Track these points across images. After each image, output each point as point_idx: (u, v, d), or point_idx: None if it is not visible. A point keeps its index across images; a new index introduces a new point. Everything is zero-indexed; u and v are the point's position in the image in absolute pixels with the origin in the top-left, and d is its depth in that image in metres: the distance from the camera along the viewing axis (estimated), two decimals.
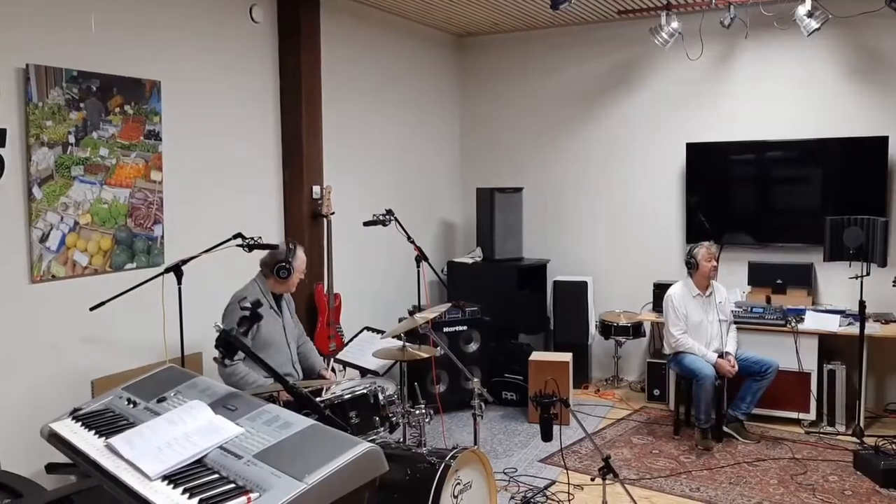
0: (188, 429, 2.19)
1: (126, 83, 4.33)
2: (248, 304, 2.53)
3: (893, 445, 4.95)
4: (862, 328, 5.21)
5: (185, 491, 1.90)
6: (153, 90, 4.49)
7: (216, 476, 1.97)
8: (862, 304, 5.19)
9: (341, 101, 5.89)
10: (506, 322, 6.42)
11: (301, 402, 2.38)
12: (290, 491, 1.80)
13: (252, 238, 4.09)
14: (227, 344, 2.33)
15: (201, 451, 2.07)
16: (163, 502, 1.88)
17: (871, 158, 5.79)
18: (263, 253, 4.17)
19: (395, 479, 3.39)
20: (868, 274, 5.23)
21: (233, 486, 1.91)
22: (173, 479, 1.97)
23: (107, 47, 4.22)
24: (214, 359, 2.44)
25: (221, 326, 2.37)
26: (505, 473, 4.65)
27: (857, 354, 5.27)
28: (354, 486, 1.91)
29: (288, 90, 5.39)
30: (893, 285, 5.44)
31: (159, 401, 2.47)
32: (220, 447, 2.08)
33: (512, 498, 4.26)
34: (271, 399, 2.62)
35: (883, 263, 5.23)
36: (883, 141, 5.75)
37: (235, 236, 4.13)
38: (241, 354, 2.55)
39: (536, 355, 5.90)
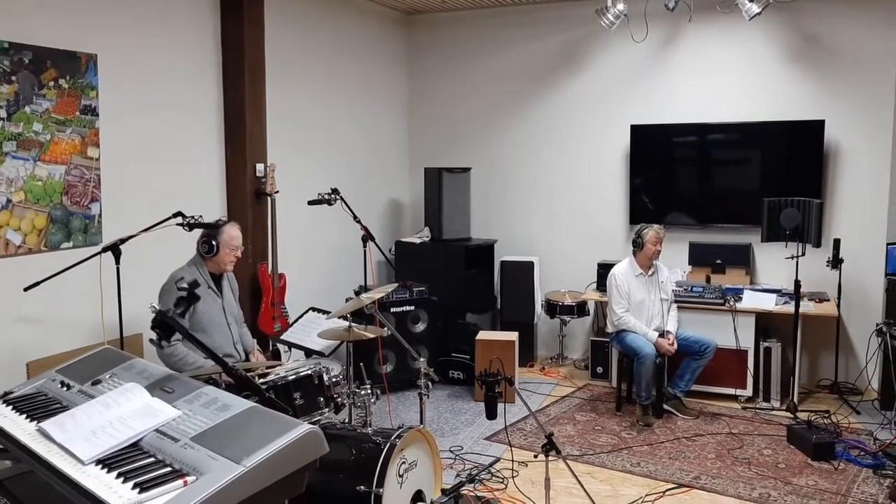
0: (123, 412, 2.15)
1: (60, 56, 4.18)
2: (184, 285, 2.48)
3: (825, 420, 5.15)
4: (797, 307, 5.37)
5: (119, 475, 1.87)
6: (89, 64, 4.34)
7: (152, 460, 1.94)
8: (797, 284, 5.35)
9: (286, 77, 5.79)
10: (453, 302, 6.44)
11: (241, 385, 2.35)
12: (228, 473, 1.78)
13: (192, 217, 4.02)
14: (164, 325, 2.28)
15: (137, 435, 2.03)
16: (96, 487, 1.84)
17: (808, 142, 5.95)
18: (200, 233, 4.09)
19: (340, 459, 3.40)
20: (803, 254, 5.40)
21: (169, 469, 1.88)
22: (107, 463, 1.93)
23: (40, 19, 4.07)
24: (151, 340, 2.39)
25: (157, 307, 2.32)
26: (451, 451, 4.69)
27: (792, 332, 5.43)
28: (294, 468, 1.90)
29: (230, 65, 5.27)
30: (827, 265, 5.64)
31: (94, 383, 2.41)
32: (157, 430, 2.05)
33: (457, 475, 4.30)
34: (211, 381, 2.58)
35: (817, 244, 5.40)
36: (819, 125, 5.91)
37: (175, 215, 4.04)
38: (180, 336, 2.51)
39: (483, 334, 5.94)
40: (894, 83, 5.77)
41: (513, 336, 5.87)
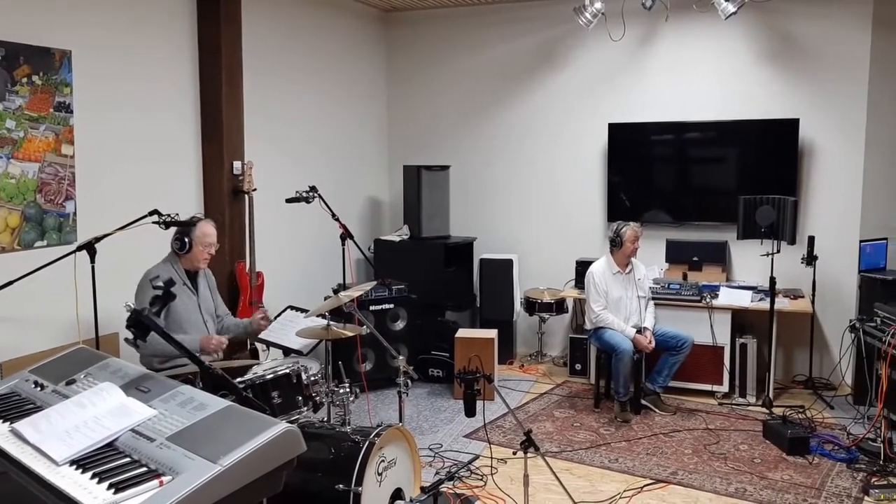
0: (98, 412, 2.12)
1: (34, 52, 4.12)
2: (160, 283, 2.45)
3: (799, 415, 5.22)
4: (772, 303, 5.43)
5: (94, 476, 1.85)
6: (63, 60, 4.29)
7: (127, 460, 1.92)
8: (772, 281, 5.41)
9: (264, 74, 5.76)
10: (433, 299, 6.44)
11: (217, 383, 2.34)
12: (204, 473, 1.76)
13: (168, 215, 3.98)
14: (139, 324, 2.26)
15: (112, 435, 2.01)
16: (70, 488, 1.82)
17: (783, 140, 6.02)
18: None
19: (318, 458, 3.39)
20: (778, 251, 5.46)
21: (144, 469, 1.86)
22: (82, 463, 1.91)
23: (13, 14, 4.01)
24: (126, 339, 2.36)
25: (132, 306, 2.30)
26: (430, 450, 4.69)
27: (768, 329, 5.50)
28: (271, 467, 1.88)
29: (207, 62, 5.23)
30: (802, 262, 5.70)
31: (68, 383, 2.39)
32: (132, 430, 2.03)
33: (437, 473, 4.30)
34: (187, 381, 2.56)
35: (792, 241, 5.46)
36: (794, 123, 5.98)
37: (151, 213, 4.01)
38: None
39: (462, 332, 5.95)
40: (867, 82, 5.85)
41: (492, 334, 5.88)
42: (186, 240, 3.97)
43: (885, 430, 4.43)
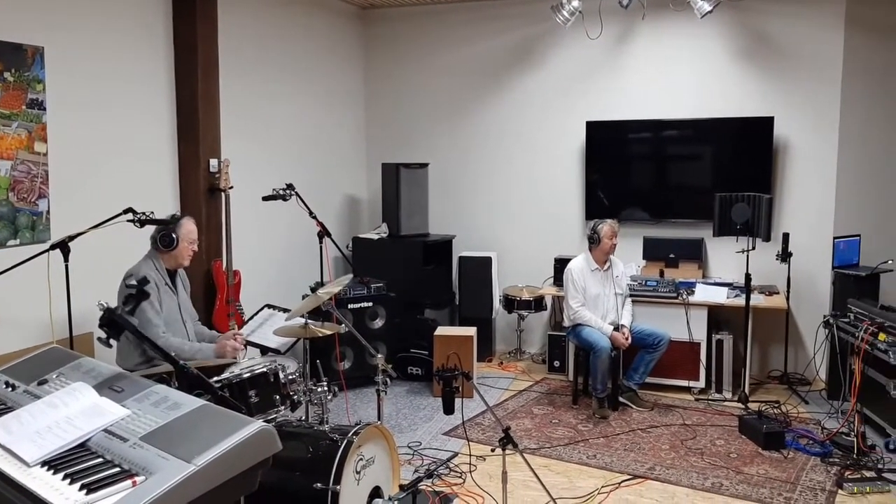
0: (70, 412, 2.10)
1: (5, 48, 4.06)
2: (133, 282, 2.43)
3: (775, 410, 5.28)
4: (748, 300, 5.49)
5: (66, 476, 1.82)
6: (35, 57, 4.23)
7: (100, 460, 1.90)
8: (748, 277, 5.46)
9: (240, 72, 5.72)
10: (412, 297, 6.44)
11: (192, 382, 2.32)
12: (178, 473, 1.75)
13: (144, 213, 3.94)
14: (112, 323, 2.24)
15: (84, 435, 1.99)
16: (42, 489, 1.79)
17: (758, 138, 6.08)
18: (154, 229, 4.03)
19: (296, 457, 3.37)
20: (754, 248, 5.51)
21: (118, 469, 1.84)
22: (53, 464, 1.89)
23: None
24: (99, 339, 2.34)
25: (105, 304, 2.27)
26: (409, 447, 4.69)
27: (743, 325, 5.55)
28: (246, 466, 1.87)
29: (183, 61, 5.18)
30: (777, 259, 5.76)
31: (40, 383, 2.35)
32: (105, 430, 2.00)
33: (416, 471, 4.30)
34: (162, 380, 2.54)
35: (767, 238, 5.52)
36: (769, 121, 6.04)
37: (126, 211, 3.96)
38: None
39: (441, 330, 5.95)
40: (840, 81, 5.92)
41: (471, 331, 5.89)
42: (174, 236, 3.95)
43: (859, 424, 4.49)
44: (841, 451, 4.55)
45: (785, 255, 5.73)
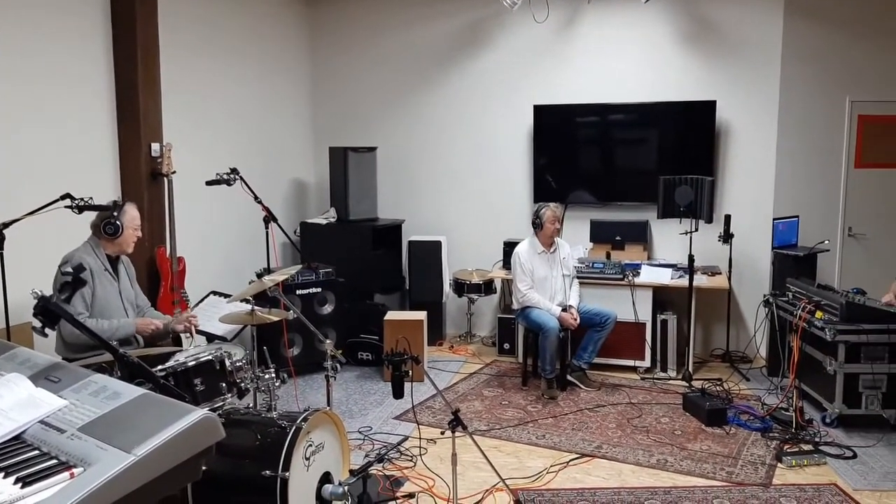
0: (5, 404, 2.03)
1: None
2: (69, 269, 2.36)
3: (717, 388, 5.41)
4: (691, 280, 5.60)
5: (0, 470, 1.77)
6: None
7: (36, 452, 1.84)
8: (691, 258, 5.58)
9: (183, 54, 5.58)
10: (361, 283, 6.41)
11: (133, 371, 2.27)
12: (118, 463, 1.71)
13: (82, 199, 3.82)
14: (47, 311, 2.17)
15: (19, 427, 1.93)
16: None
17: (701, 121, 6.19)
18: (95, 215, 3.92)
19: (245, 444, 3.33)
20: (697, 230, 5.63)
21: (55, 461, 1.79)
22: None
23: None
24: (34, 328, 2.27)
25: (39, 293, 2.20)
26: (360, 432, 4.68)
27: (687, 305, 5.67)
28: (188, 455, 1.83)
29: (122, 41, 5.02)
30: (719, 240, 5.89)
31: None
32: (41, 422, 1.94)
33: (366, 456, 4.30)
34: (102, 370, 2.48)
35: (709, 220, 5.64)
36: (711, 105, 6.15)
37: (63, 197, 3.84)
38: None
39: (391, 315, 5.94)
40: (779, 65, 6.05)
41: (421, 315, 5.89)
42: (119, 223, 3.85)
43: (797, 399, 4.64)
44: (780, 425, 4.69)
45: (727, 237, 5.86)
